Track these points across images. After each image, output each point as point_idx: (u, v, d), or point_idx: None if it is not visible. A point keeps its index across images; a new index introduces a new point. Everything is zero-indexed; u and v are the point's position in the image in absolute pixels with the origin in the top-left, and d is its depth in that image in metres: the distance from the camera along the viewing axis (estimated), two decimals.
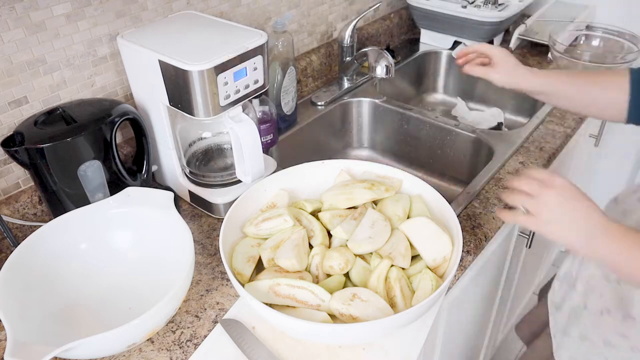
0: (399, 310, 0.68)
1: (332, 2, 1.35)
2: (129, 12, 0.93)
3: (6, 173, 0.87)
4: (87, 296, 0.75)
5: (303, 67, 1.30)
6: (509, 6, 1.42)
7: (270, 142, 1.09)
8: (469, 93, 1.57)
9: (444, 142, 1.26)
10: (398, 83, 1.51)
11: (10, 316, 0.62)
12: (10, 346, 0.57)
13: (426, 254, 0.74)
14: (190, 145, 0.96)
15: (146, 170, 0.91)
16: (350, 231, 0.76)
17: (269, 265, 0.75)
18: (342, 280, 0.73)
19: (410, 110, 1.28)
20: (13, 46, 0.80)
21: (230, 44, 0.79)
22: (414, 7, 1.48)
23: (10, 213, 0.86)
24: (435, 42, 1.56)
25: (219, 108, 0.80)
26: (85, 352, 0.62)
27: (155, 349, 0.70)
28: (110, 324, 0.62)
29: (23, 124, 0.79)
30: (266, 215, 0.80)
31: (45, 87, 0.87)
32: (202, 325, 0.74)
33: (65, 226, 0.76)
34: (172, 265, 0.75)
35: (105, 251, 0.79)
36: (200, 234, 0.90)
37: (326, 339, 0.69)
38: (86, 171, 0.81)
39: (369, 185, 0.82)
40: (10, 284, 0.67)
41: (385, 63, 1.16)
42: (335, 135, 1.35)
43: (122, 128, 0.99)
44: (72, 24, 0.86)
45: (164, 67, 0.78)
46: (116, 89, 0.97)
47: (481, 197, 0.96)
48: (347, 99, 1.31)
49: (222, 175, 0.93)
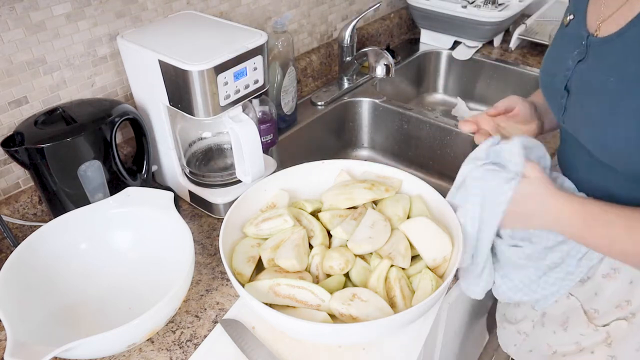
0: (399, 310, 0.68)
1: (332, 2, 1.35)
2: (129, 12, 0.93)
3: (6, 173, 0.87)
4: (87, 296, 0.75)
5: (303, 67, 1.30)
6: (509, 6, 1.42)
7: (270, 142, 1.09)
8: (469, 93, 1.57)
9: (443, 142, 1.26)
10: (398, 83, 1.51)
11: (10, 316, 0.62)
12: (10, 346, 0.57)
13: (426, 254, 0.74)
14: (190, 145, 0.96)
15: (146, 170, 0.91)
16: (350, 231, 0.76)
17: (269, 266, 0.75)
18: (342, 281, 0.73)
19: (410, 110, 1.28)
20: (13, 46, 0.80)
21: (230, 44, 0.79)
22: (414, 7, 1.48)
23: (10, 213, 0.86)
24: (435, 42, 1.56)
25: (219, 108, 0.80)
26: (85, 352, 0.62)
27: (155, 349, 0.70)
28: (110, 324, 0.62)
29: (23, 124, 0.79)
30: (266, 215, 0.80)
31: (45, 87, 0.87)
32: (202, 325, 0.74)
33: (65, 226, 0.76)
34: (172, 265, 0.75)
35: (105, 251, 0.79)
36: (200, 234, 0.90)
37: (326, 339, 0.69)
38: (86, 171, 0.81)
39: (369, 185, 0.82)
40: (10, 284, 0.67)
41: (385, 63, 1.16)
42: (335, 135, 1.34)
43: (122, 128, 0.99)
44: (72, 24, 0.86)
45: (164, 67, 0.78)
46: (116, 89, 0.97)
47: None
48: (347, 99, 1.31)
49: (222, 175, 0.93)
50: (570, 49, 0.69)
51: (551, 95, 0.74)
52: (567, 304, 0.78)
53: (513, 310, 0.91)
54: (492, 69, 1.49)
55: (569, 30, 0.71)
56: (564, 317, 0.79)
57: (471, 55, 1.49)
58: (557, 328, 0.80)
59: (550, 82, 0.73)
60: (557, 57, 0.73)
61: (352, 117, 1.35)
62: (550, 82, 0.73)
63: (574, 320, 0.78)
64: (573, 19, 0.71)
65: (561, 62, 0.70)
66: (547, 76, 0.75)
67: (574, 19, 0.71)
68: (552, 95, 0.74)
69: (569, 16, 0.72)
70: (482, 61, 1.50)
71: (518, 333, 0.89)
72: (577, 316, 0.77)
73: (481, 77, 1.52)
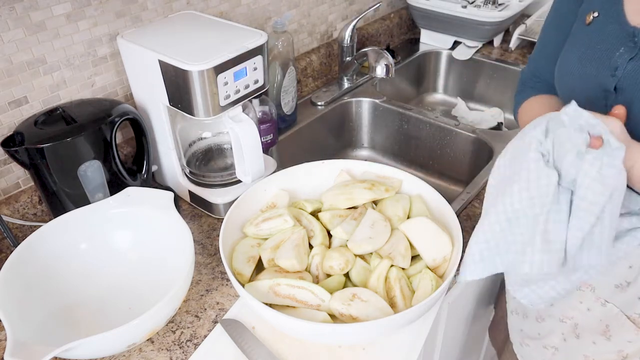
0: (399, 310, 0.68)
1: (332, 2, 1.35)
2: (129, 12, 0.93)
3: (6, 173, 0.87)
4: (87, 296, 0.75)
5: (303, 67, 1.30)
6: (509, 6, 1.42)
7: (270, 142, 1.09)
8: (469, 93, 1.57)
9: (443, 142, 1.26)
10: (398, 83, 1.51)
11: (10, 316, 0.62)
12: (10, 346, 0.57)
13: (426, 254, 0.74)
14: (190, 145, 0.96)
15: (146, 170, 0.91)
16: (350, 231, 0.76)
17: (269, 266, 0.75)
18: (342, 281, 0.73)
19: (410, 110, 1.28)
20: (13, 46, 0.80)
21: (230, 44, 0.79)
22: (414, 7, 1.48)
23: (10, 213, 0.86)
24: (435, 42, 1.56)
25: (219, 108, 0.80)
26: (85, 352, 0.62)
27: (155, 349, 0.70)
28: (110, 324, 0.62)
29: (23, 124, 0.79)
30: (266, 215, 0.80)
31: (45, 87, 0.87)
32: (202, 325, 0.74)
33: (65, 226, 0.76)
34: (172, 265, 0.75)
35: (105, 251, 0.79)
36: (200, 234, 0.90)
37: (326, 339, 0.69)
38: (86, 171, 0.81)
39: (369, 185, 0.82)
40: (10, 284, 0.67)
41: (385, 63, 1.16)
42: (335, 135, 1.34)
43: (122, 128, 0.99)
44: (72, 24, 0.86)
45: (164, 67, 0.78)
46: (116, 89, 0.97)
47: (481, 197, 0.96)
48: (347, 99, 1.31)
49: (222, 175, 0.93)
50: (610, 47, 0.65)
51: (591, 100, 0.69)
52: (602, 312, 0.74)
53: (533, 325, 0.86)
54: (492, 69, 1.49)
55: (598, 28, 0.68)
56: (603, 325, 0.75)
57: (471, 55, 1.49)
58: (598, 338, 0.76)
59: (586, 84, 0.69)
60: (592, 57, 0.68)
61: (352, 117, 1.36)
62: (586, 84, 0.69)
63: (616, 328, 0.74)
64: (598, 17, 0.68)
65: (600, 62, 0.66)
66: (579, 79, 0.70)
67: (600, 16, 0.67)
68: (593, 100, 0.69)
69: (592, 14, 0.69)
70: (482, 61, 1.50)
71: (545, 348, 0.85)
72: (620, 323, 0.73)
73: (481, 77, 1.52)
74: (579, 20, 0.72)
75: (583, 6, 0.72)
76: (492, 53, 1.52)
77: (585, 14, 0.70)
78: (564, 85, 0.74)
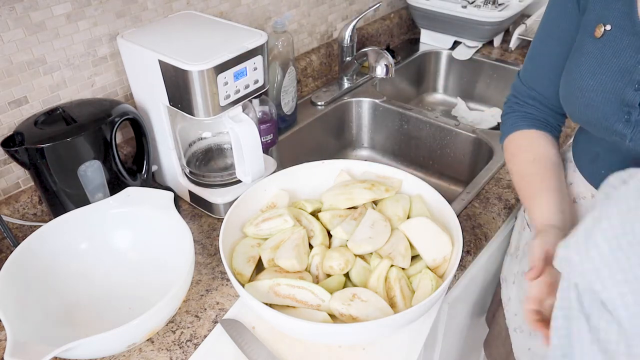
0: (399, 310, 0.68)
1: (332, 2, 1.35)
2: (129, 12, 0.93)
3: (6, 173, 0.87)
4: (87, 296, 0.75)
5: (303, 67, 1.30)
6: (509, 6, 1.42)
7: (270, 142, 1.09)
8: (469, 93, 1.57)
9: (443, 142, 1.26)
10: (398, 83, 1.51)
11: (10, 316, 0.62)
12: (10, 346, 0.57)
13: (426, 254, 0.74)
14: (190, 145, 0.96)
15: (146, 170, 0.91)
16: (350, 231, 0.76)
17: (269, 266, 0.75)
18: (342, 281, 0.73)
19: (410, 110, 1.28)
20: (13, 46, 0.80)
21: (230, 44, 0.79)
22: (414, 7, 1.48)
23: (10, 213, 0.86)
24: (435, 42, 1.56)
25: (219, 108, 0.80)
26: (85, 352, 0.62)
27: (155, 349, 0.70)
28: (110, 324, 0.62)
29: (23, 124, 0.79)
30: (266, 215, 0.80)
31: (45, 87, 0.87)
32: (202, 325, 0.74)
33: (65, 226, 0.76)
34: (172, 265, 0.75)
35: (105, 251, 0.79)
36: (200, 234, 0.90)
37: (326, 339, 0.69)
38: (86, 171, 0.81)
39: (369, 185, 0.82)
40: (10, 284, 0.67)
41: (385, 63, 1.16)
42: (335, 135, 1.34)
43: (122, 128, 0.99)
44: (72, 24, 0.86)
45: (164, 67, 0.78)
46: (116, 89, 0.97)
47: (481, 197, 0.96)
48: (347, 99, 1.31)
49: (222, 175, 0.93)
50: (629, 60, 0.62)
51: (609, 116, 0.65)
52: None
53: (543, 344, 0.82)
54: (492, 69, 1.49)
55: (612, 41, 0.65)
56: None
57: (471, 55, 1.49)
58: None
59: (604, 99, 0.65)
60: (608, 70, 0.65)
61: (352, 117, 1.36)
62: (603, 98, 0.65)
63: None
64: (611, 30, 0.65)
65: (619, 75, 0.63)
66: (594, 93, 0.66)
67: (612, 29, 0.65)
68: (610, 116, 0.65)
69: (603, 27, 0.65)
70: (482, 61, 1.50)
71: None
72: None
73: (481, 77, 1.52)
74: (584, 33, 0.69)
75: (587, 17, 0.69)
76: (492, 53, 1.52)
77: (594, 26, 0.67)
78: (575, 101, 0.70)
